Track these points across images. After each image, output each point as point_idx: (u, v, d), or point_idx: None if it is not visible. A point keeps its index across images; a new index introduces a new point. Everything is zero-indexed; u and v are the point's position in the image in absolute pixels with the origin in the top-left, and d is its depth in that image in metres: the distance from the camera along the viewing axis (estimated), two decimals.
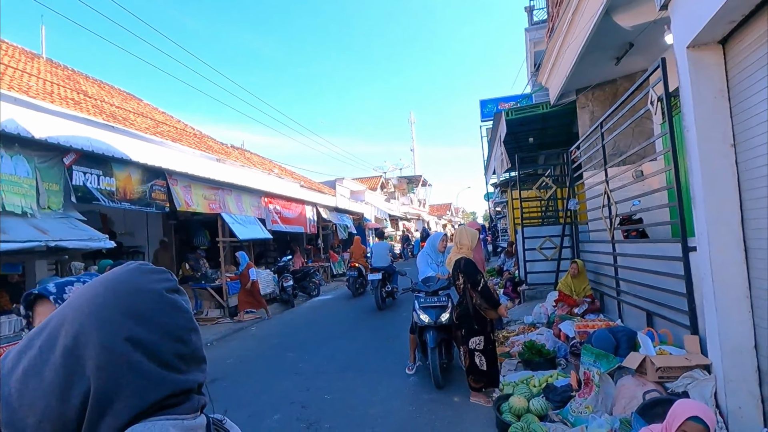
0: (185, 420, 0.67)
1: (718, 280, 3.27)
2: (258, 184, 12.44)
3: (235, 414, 4.71)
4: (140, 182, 7.88)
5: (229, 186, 10.82)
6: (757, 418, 3.17)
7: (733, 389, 3.21)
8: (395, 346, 6.90)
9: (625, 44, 6.63)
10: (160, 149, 9.89)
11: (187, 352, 0.70)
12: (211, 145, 14.60)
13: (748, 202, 3.19)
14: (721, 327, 3.26)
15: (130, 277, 0.70)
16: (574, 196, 7.54)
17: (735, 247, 3.25)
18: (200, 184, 9.73)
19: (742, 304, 3.23)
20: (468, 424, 4.15)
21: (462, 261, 4.68)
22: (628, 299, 5.37)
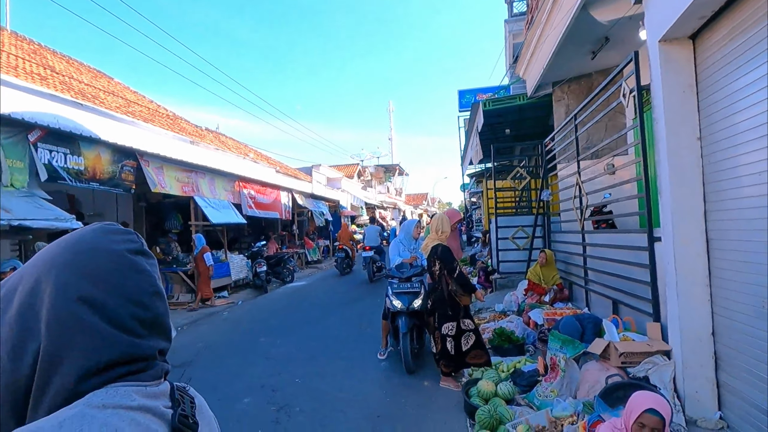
0: (148, 386, 0.66)
1: (680, 270, 3.38)
2: (233, 168, 12.23)
3: (205, 397, 4.64)
4: (110, 162, 7.67)
5: (202, 169, 10.63)
6: (712, 401, 3.31)
7: (691, 374, 3.34)
8: (367, 332, 6.95)
9: (601, 39, 6.72)
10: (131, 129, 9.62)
11: (147, 317, 0.68)
12: (185, 127, 14.27)
13: (710, 194, 3.30)
14: (682, 315, 3.38)
15: (90, 237, 0.69)
16: (548, 187, 7.67)
17: (697, 238, 3.36)
18: (173, 166, 9.53)
19: (703, 292, 3.35)
20: (437, 407, 4.21)
21: (439, 248, 4.72)
22: (595, 288, 5.51)
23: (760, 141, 2.73)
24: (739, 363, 3.07)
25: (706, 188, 3.34)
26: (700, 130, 3.37)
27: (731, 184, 3.07)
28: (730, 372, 3.20)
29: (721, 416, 3.25)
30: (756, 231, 2.84)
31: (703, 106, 3.34)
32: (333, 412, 4.21)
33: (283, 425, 3.99)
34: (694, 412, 3.31)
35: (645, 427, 2.17)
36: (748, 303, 2.93)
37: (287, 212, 15.01)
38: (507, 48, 13.77)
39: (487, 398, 3.95)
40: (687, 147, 3.40)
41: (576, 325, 4.27)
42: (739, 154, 2.96)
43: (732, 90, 3.01)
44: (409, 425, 3.87)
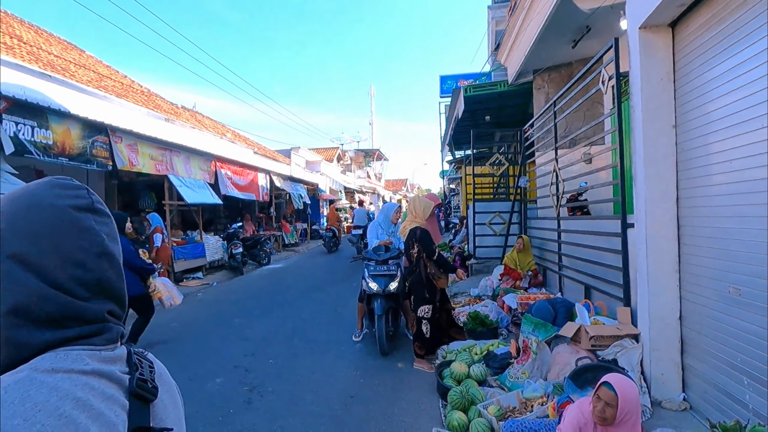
0: (103, 351, 0.63)
1: (651, 255, 3.45)
2: (209, 148, 12.00)
3: (175, 377, 4.57)
4: (80, 137, 7.42)
5: (178, 147, 10.39)
6: (677, 383, 3.41)
7: (658, 357, 3.43)
8: (343, 315, 6.95)
9: (582, 28, 6.73)
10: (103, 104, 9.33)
11: (90, 279, 0.64)
12: (160, 104, 13.90)
13: (683, 181, 3.36)
14: (651, 299, 3.46)
15: (35, 191, 0.64)
16: (525, 174, 7.72)
17: (669, 224, 3.42)
18: (147, 143, 9.28)
19: (672, 278, 3.42)
20: (410, 388, 4.24)
21: (417, 230, 4.72)
22: (569, 273, 5.60)
23: (731, 129, 2.78)
24: (704, 346, 3.16)
25: (678, 176, 3.40)
26: (675, 118, 3.41)
27: (702, 172, 3.12)
28: (694, 355, 3.29)
29: (685, 398, 3.35)
30: (724, 218, 2.90)
31: (680, 94, 3.38)
32: (306, 392, 4.20)
33: (254, 405, 3.97)
34: (660, 394, 3.40)
35: (600, 400, 2.24)
36: (715, 288, 3.01)
37: (265, 194, 14.83)
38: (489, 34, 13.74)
39: (460, 380, 3.99)
40: (662, 135, 3.44)
41: (548, 309, 4.34)
42: (710, 143, 3.00)
43: (707, 79, 3.04)
44: (382, 406, 3.88)
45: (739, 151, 2.70)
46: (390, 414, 3.74)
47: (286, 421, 3.66)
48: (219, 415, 3.79)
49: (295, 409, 3.87)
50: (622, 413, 2.22)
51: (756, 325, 2.62)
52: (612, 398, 2.21)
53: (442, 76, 17.83)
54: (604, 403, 2.22)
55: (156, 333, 6.22)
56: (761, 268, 2.56)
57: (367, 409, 3.84)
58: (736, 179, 2.75)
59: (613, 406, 2.21)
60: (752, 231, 2.63)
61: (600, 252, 4.53)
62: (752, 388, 2.66)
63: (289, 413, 3.79)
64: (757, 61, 2.53)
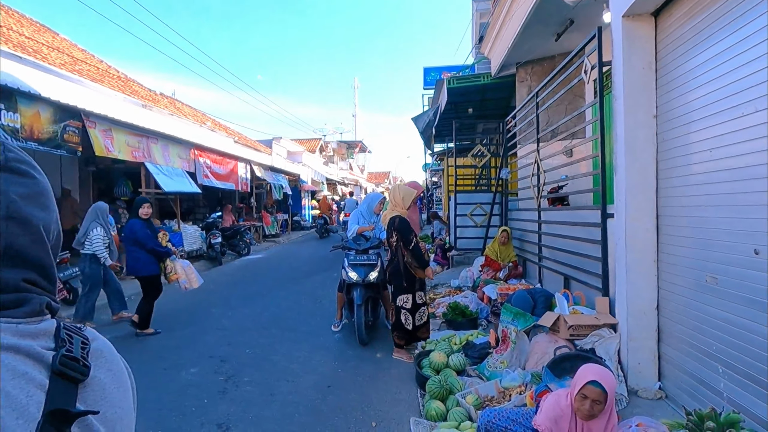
0: (21, 324, 0.56)
1: (630, 245, 3.45)
2: (188, 135, 11.77)
3: (150, 367, 4.51)
4: (51, 121, 7.16)
5: (155, 134, 10.14)
6: (653, 372, 3.43)
7: (635, 346, 3.44)
8: (322, 306, 6.88)
9: (566, 20, 6.71)
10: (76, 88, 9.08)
11: None
12: (138, 90, 13.59)
13: (662, 171, 3.36)
14: (630, 289, 3.47)
15: None
16: (507, 165, 7.73)
17: (648, 215, 3.43)
18: (123, 130, 9.02)
19: (650, 268, 3.44)
20: (389, 378, 4.21)
21: (396, 219, 4.66)
22: (548, 264, 5.62)
23: (712, 118, 2.78)
24: (680, 335, 3.18)
25: (658, 165, 3.40)
26: (656, 108, 3.41)
27: (682, 162, 3.12)
28: (670, 344, 3.31)
29: (661, 386, 3.37)
30: (702, 207, 2.91)
31: (661, 84, 3.38)
32: (282, 382, 4.14)
33: (230, 395, 3.89)
34: (636, 383, 3.42)
35: (587, 398, 2.20)
36: (692, 278, 3.02)
37: (245, 184, 14.61)
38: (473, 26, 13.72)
39: (439, 369, 3.96)
40: (643, 124, 3.44)
41: (528, 299, 4.34)
42: (691, 132, 3.00)
43: (689, 68, 3.04)
44: (359, 395, 3.84)
45: (720, 140, 2.70)
46: (367, 403, 3.70)
47: (261, 410, 3.60)
48: (193, 405, 3.71)
49: (271, 398, 3.81)
50: (609, 406, 2.22)
51: (731, 314, 2.64)
52: (600, 395, 2.19)
53: (425, 67, 17.70)
54: (591, 401, 2.20)
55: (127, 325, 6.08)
56: (738, 257, 2.57)
57: (343, 398, 3.80)
58: (716, 168, 2.75)
59: (601, 402, 2.20)
60: (730, 220, 2.64)
61: (580, 242, 4.54)
62: (727, 376, 2.68)
63: (265, 403, 3.72)
64: (739, 49, 2.53)
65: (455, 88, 9.83)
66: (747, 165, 2.46)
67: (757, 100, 2.37)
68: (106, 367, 0.65)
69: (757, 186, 2.39)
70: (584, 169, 5.27)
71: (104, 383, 0.63)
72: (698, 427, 2.33)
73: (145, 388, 4.01)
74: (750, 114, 2.43)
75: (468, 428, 3.06)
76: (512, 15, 7.10)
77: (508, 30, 7.53)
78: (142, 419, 3.45)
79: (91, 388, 0.60)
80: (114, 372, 0.68)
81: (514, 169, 7.52)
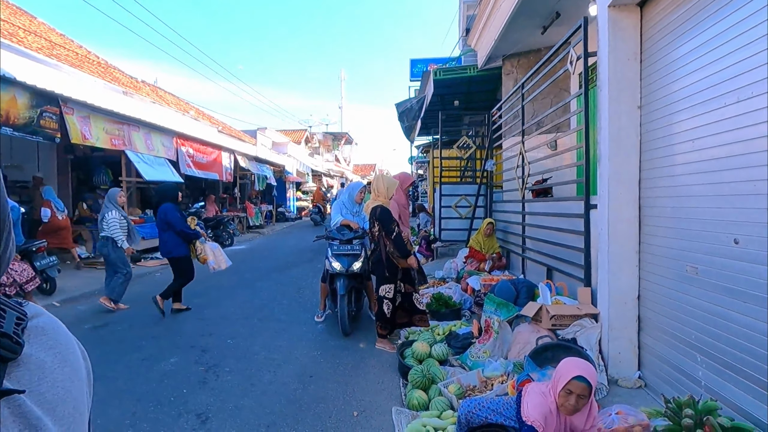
0: None
1: (613, 235, 3.47)
2: (171, 124, 11.56)
3: (127, 358, 4.43)
4: (27, 107, 6.96)
5: (136, 122, 9.94)
6: (633, 362, 3.46)
7: (616, 336, 3.47)
8: (305, 297, 6.83)
9: (552, 13, 6.71)
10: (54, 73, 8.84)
11: None
12: (118, 77, 13.29)
13: (645, 162, 3.37)
14: (611, 279, 3.48)
15: None
16: (492, 157, 7.73)
17: (631, 205, 3.44)
18: (102, 117, 8.82)
19: (632, 258, 3.46)
20: (371, 368, 4.18)
21: (378, 209, 4.62)
22: (532, 256, 5.64)
23: (695, 108, 2.78)
24: (660, 325, 3.20)
25: (642, 156, 3.41)
26: (641, 98, 3.42)
27: (664, 152, 3.13)
28: (650, 334, 3.34)
29: (640, 375, 3.40)
30: (684, 197, 2.93)
31: (645, 74, 3.38)
32: (263, 372, 4.09)
33: (210, 385, 3.83)
34: (616, 372, 3.45)
35: (572, 393, 2.20)
36: (673, 267, 3.04)
37: (228, 174, 14.44)
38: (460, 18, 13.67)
39: (422, 359, 3.95)
40: (627, 115, 3.44)
41: (511, 289, 4.34)
42: (674, 122, 3.01)
43: (673, 58, 3.04)
44: (341, 385, 3.81)
45: (702, 130, 2.71)
46: (349, 393, 3.67)
47: (241, 400, 3.55)
48: (171, 395, 3.64)
49: (252, 388, 3.76)
50: (591, 397, 2.23)
51: (711, 303, 2.66)
52: (585, 390, 2.19)
53: (412, 59, 17.63)
54: (576, 396, 2.20)
55: (106, 314, 5.98)
56: (718, 247, 2.59)
57: (325, 388, 3.76)
58: (698, 159, 2.76)
59: (586, 396, 2.21)
60: (711, 210, 2.66)
61: (563, 234, 4.55)
62: (705, 364, 2.70)
63: (245, 393, 3.67)
64: (723, 39, 2.53)
65: (442, 79, 9.78)
66: (729, 155, 2.47)
67: (740, 90, 2.37)
68: (48, 345, 0.60)
69: (739, 176, 2.40)
70: (568, 160, 5.28)
71: (44, 362, 0.58)
72: (677, 415, 2.35)
73: (121, 378, 3.94)
74: (733, 104, 2.43)
75: (450, 417, 3.06)
76: (499, 6, 7.08)
77: (494, 22, 7.50)
78: (117, 410, 3.39)
79: (27, 368, 0.55)
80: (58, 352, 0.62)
81: (499, 161, 7.52)
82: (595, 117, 3.80)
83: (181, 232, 5.89)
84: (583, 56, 3.87)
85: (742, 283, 2.39)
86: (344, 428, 3.15)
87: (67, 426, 0.57)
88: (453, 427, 2.89)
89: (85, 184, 11.17)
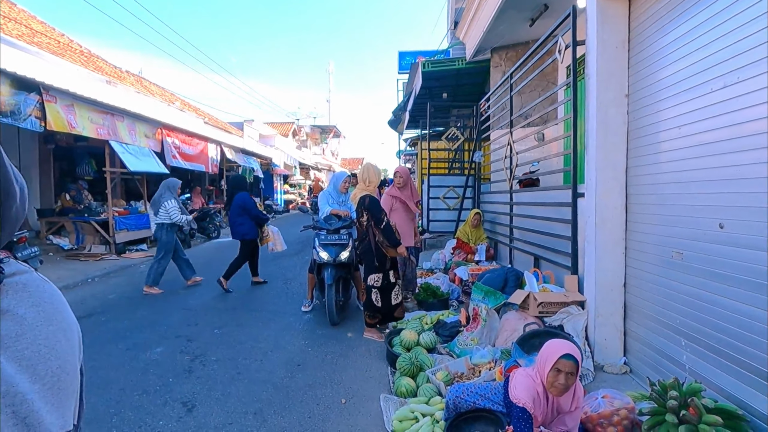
0: None
1: (600, 223, 3.49)
2: (156, 114, 11.35)
3: (111, 347, 4.37)
4: (8, 94, 6.80)
5: (121, 112, 9.76)
6: (618, 348, 3.50)
7: (602, 323, 3.50)
8: (292, 288, 6.80)
9: (540, 6, 6.72)
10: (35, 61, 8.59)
11: None
12: (102, 66, 13.03)
13: (632, 150, 3.40)
14: (598, 267, 3.51)
15: None
16: (480, 149, 7.74)
17: (618, 193, 3.47)
18: (86, 106, 8.65)
19: (619, 245, 3.48)
20: (359, 356, 4.17)
21: (367, 198, 4.60)
22: (519, 246, 5.67)
23: (682, 95, 2.80)
24: (645, 311, 3.24)
25: (629, 144, 3.43)
26: (628, 86, 3.43)
27: (651, 140, 3.15)
28: (636, 320, 3.37)
29: (626, 362, 3.44)
30: (670, 184, 2.95)
31: (633, 62, 3.40)
32: (250, 361, 4.06)
33: (196, 374, 3.79)
34: (602, 358, 3.48)
35: (561, 372, 2.21)
36: (659, 254, 3.07)
37: (215, 166, 14.28)
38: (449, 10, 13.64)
39: (410, 347, 3.95)
40: (615, 103, 3.46)
41: (498, 277, 4.36)
42: (661, 110, 3.03)
43: (660, 46, 3.05)
44: (328, 373, 3.80)
45: (689, 116, 2.72)
46: (337, 381, 3.66)
47: (228, 388, 3.52)
48: (157, 384, 3.60)
49: (238, 377, 3.73)
50: (577, 378, 2.26)
51: (695, 288, 2.69)
52: (573, 367, 2.22)
53: (401, 52, 17.61)
54: (565, 374, 2.21)
55: (91, 305, 5.90)
56: (703, 232, 2.62)
57: (313, 376, 3.75)
58: (684, 145, 2.78)
59: (574, 374, 2.23)
60: (696, 195, 2.68)
61: (550, 223, 4.58)
62: (689, 348, 2.73)
63: (232, 381, 3.64)
64: (709, 25, 2.54)
65: (430, 71, 9.76)
66: (716, 140, 2.49)
67: (726, 75, 2.39)
68: (30, 302, 0.58)
69: (725, 160, 2.42)
70: (556, 150, 5.31)
71: (24, 318, 0.56)
72: (662, 397, 2.37)
73: (104, 368, 3.88)
74: (719, 89, 2.45)
75: (438, 403, 3.06)
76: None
77: (483, 14, 7.50)
78: (101, 399, 3.34)
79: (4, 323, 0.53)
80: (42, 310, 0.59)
81: (487, 152, 7.54)
82: (583, 106, 3.82)
83: (256, 217, 6.62)
84: (572, 45, 3.87)
85: (727, 267, 2.42)
86: (332, 415, 3.14)
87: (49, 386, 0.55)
88: (441, 413, 2.89)
89: (68, 175, 10.97)
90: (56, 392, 0.56)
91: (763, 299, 2.17)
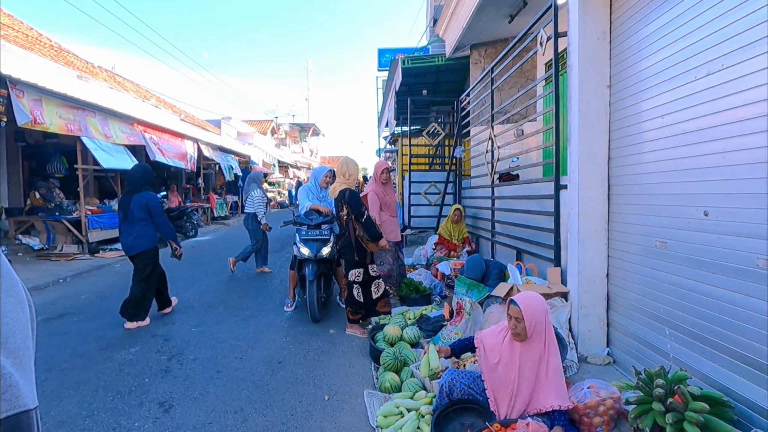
0: None
1: (582, 215, 3.49)
2: (131, 110, 11.04)
3: (83, 348, 4.20)
4: None
5: (93, 107, 9.46)
6: (602, 339, 3.50)
7: (585, 314, 3.50)
8: (272, 286, 6.68)
9: (519, 2, 6.74)
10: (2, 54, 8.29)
11: None
12: (73, 61, 12.65)
13: (615, 141, 3.40)
14: (581, 258, 3.51)
15: None
16: (461, 144, 7.73)
17: (600, 184, 3.47)
18: (55, 101, 8.35)
19: (601, 237, 3.48)
20: (341, 352, 4.10)
21: (347, 192, 4.53)
22: (501, 240, 5.66)
23: (664, 85, 2.80)
24: (628, 302, 3.24)
25: (611, 135, 3.44)
26: (610, 77, 3.44)
27: (634, 130, 3.16)
28: (619, 311, 3.38)
29: (609, 352, 3.45)
30: (652, 174, 2.95)
31: (615, 54, 3.40)
32: (229, 359, 3.95)
33: (173, 373, 3.67)
34: (586, 350, 3.48)
35: (512, 318, 2.45)
36: (641, 244, 3.07)
37: (192, 163, 13.98)
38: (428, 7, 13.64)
39: (393, 342, 3.90)
40: (596, 94, 3.46)
41: (481, 264, 4.35)
42: (643, 100, 3.03)
43: (642, 36, 3.06)
44: (310, 370, 3.72)
45: (672, 105, 2.72)
46: (319, 377, 3.58)
47: (206, 387, 3.41)
48: (132, 385, 3.47)
49: (217, 375, 3.62)
50: (530, 325, 2.40)
51: (679, 276, 2.69)
52: (518, 312, 2.41)
53: (380, 49, 17.48)
54: (514, 320, 2.43)
55: (62, 305, 5.70)
56: (687, 220, 2.62)
57: (294, 373, 3.66)
58: (668, 134, 2.78)
59: (521, 319, 2.40)
60: (680, 184, 2.68)
61: (532, 216, 4.57)
62: (673, 337, 2.74)
63: (210, 380, 3.54)
64: (692, 14, 2.54)
65: (410, 68, 9.72)
66: (699, 128, 2.49)
67: (710, 62, 2.39)
68: None
69: (709, 148, 2.42)
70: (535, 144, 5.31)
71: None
72: (648, 386, 2.36)
73: (76, 369, 3.73)
74: (702, 77, 2.45)
75: (422, 398, 3.01)
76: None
77: (462, 11, 7.49)
78: (72, 401, 3.21)
79: None
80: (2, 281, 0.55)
81: (467, 147, 7.53)
82: (565, 98, 3.81)
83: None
84: (554, 36, 3.86)
85: (711, 255, 2.42)
86: (315, 412, 3.07)
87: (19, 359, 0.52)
88: (426, 407, 2.85)
89: (38, 173, 10.61)
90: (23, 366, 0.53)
91: (748, 286, 2.18)
